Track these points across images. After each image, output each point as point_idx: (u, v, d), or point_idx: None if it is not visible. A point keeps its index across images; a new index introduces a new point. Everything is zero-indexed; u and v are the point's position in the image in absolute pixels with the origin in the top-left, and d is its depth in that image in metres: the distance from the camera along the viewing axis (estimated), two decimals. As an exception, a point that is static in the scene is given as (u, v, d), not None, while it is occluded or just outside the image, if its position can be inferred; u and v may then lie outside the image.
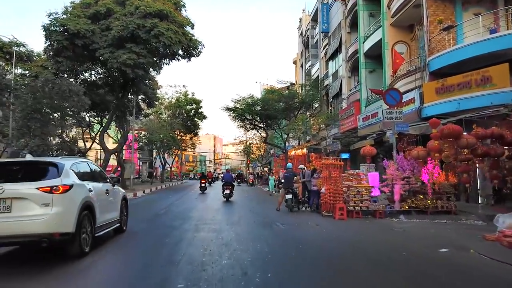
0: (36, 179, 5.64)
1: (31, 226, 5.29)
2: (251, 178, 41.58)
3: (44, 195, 5.42)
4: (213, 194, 25.25)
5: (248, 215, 12.84)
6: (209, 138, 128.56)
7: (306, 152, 33.68)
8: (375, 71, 22.88)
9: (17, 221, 5.26)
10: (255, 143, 45.84)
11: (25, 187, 5.49)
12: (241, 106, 32.26)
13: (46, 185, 5.53)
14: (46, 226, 5.35)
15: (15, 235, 5.30)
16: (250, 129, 36.56)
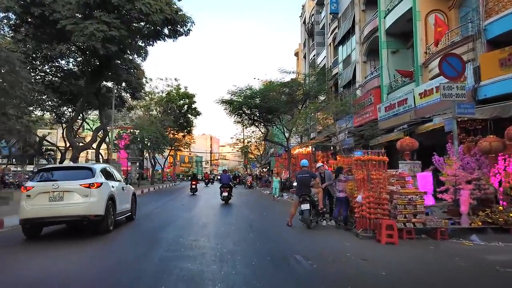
0: (79, 179, 8.28)
1: (76, 209, 7.99)
2: (250, 179, 37.77)
3: (84, 189, 8.10)
4: (204, 199, 21.44)
5: (249, 237, 8.56)
6: (205, 138, 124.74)
7: (312, 151, 29.88)
8: (399, 51, 19.13)
9: (67, 206, 7.95)
10: (253, 142, 42.07)
11: (72, 184, 8.15)
12: (238, 98, 28.45)
13: (86, 182, 8.19)
14: (86, 210, 8.02)
15: (66, 215, 8.02)
16: (249, 125, 32.68)
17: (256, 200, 21.76)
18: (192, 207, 16.69)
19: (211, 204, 17.52)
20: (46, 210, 7.80)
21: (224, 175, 19.05)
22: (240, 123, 31.83)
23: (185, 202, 19.09)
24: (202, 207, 16.55)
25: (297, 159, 29.70)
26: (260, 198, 23.99)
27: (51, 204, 7.84)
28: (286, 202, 18.90)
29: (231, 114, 30.24)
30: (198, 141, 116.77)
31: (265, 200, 21.95)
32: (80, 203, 7.94)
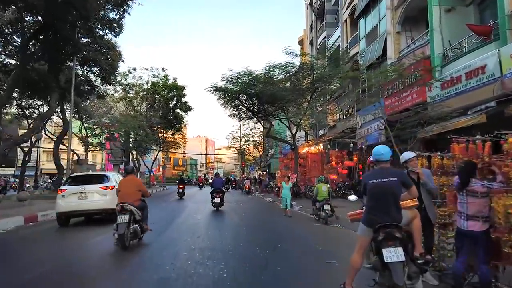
0: (99, 183, 11.42)
1: (97, 205, 10.93)
2: (248, 184, 32.47)
3: (103, 191, 11.18)
4: (190, 209, 16.21)
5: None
6: (200, 140, 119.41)
7: (324, 149, 24.67)
8: (455, 9, 14.01)
9: (90, 203, 10.97)
10: (252, 141, 36.87)
11: (94, 187, 11.23)
12: (235, 86, 23.25)
13: (104, 185, 11.32)
14: (104, 205, 10.87)
15: (89, 209, 11.06)
16: (247, 119, 27.42)
17: (259, 213, 16.49)
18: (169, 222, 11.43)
19: (195, 221, 12.35)
20: (76, 206, 10.99)
21: (216, 179, 17.11)
22: (237, 117, 26.61)
23: (163, 215, 13.78)
24: (182, 222, 11.30)
25: (306, 159, 24.49)
26: (264, 209, 18.75)
27: (79, 201, 11.03)
28: (302, 217, 13.70)
29: (225, 105, 25.04)
30: (193, 144, 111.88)
31: (271, 212, 16.69)
32: (100, 200, 11.03)
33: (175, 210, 16.48)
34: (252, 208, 18.19)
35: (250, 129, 36.62)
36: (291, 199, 14.44)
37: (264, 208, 18.71)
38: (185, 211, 16.07)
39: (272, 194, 26.83)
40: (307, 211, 14.92)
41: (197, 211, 15.69)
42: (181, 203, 19.85)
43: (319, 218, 11.93)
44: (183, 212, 15.68)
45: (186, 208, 17.53)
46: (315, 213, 12.33)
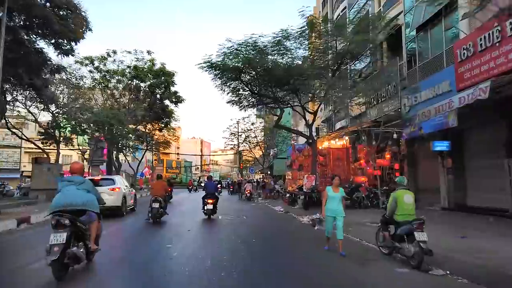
0: (108, 185, 13.92)
1: (106, 202, 8.28)
2: (249, 188, 26.86)
3: (110, 191, 13.54)
4: (171, 223, 10.58)
5: None
6: (195, 142, 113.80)
7: (351, 144, 19.14)
8: None
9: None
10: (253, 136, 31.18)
11: (103, 188, 13.02)
12: (235, 61, 17.66)
13: (111, 187, 13.89)
14: (112, 202, 13.17)
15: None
16: (249, 106, 21.80)
17: (279, 239, 10.53)
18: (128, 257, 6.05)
19: (169, 260, 6.74)
20: None
21: (209, 183, 14.77)
22: (236, 105, 20.97)
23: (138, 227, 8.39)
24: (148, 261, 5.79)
25: (327, 157, 18.93)
26: (282, 228, 12.99)
27: None
28: (359, 251, 8.06)
29: (223, 87, 19.46)
30: (188, 145, 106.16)
31: (297, 237, 10.77)
32: (108, 199, 11.95)
33: (146, 234, 10.91)
34: (262, 226, 12.54)
35: (252, 123, 31.12)
36: (343, 220, 7.42)
37: (281, 225, 13.05)
38: (159, 235, 10.50)
39: (283, 202, 21.23)
40: (354, 233, 9.41)
41: (177, 234, 10.16)
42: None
43: (403, 255, 6.38)
44: (154, 237, 10.12)
45: (162, 228, 11.91)
46: (390, 246, 6.77)
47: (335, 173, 18.76)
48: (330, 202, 7.37)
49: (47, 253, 5.01)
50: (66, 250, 5.08)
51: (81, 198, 5.51)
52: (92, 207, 5.67)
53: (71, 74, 30.32)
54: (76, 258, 5.29)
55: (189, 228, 10.98)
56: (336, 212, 7.29)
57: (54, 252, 4.95)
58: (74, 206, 5.39)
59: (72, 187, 5.56)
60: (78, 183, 5.64)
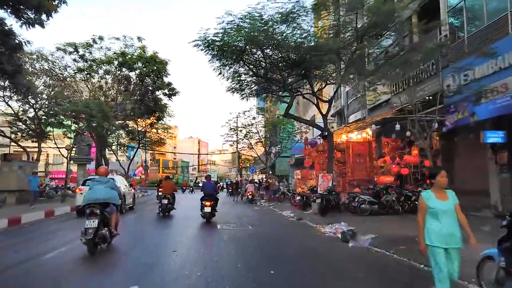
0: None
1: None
2: (251, 189, 23.90)
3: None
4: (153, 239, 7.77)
5: None
6: (192, 141, 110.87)
7: (373, 136, 16.19)
8: None
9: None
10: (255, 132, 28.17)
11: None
12: (236, 38, 14.69)
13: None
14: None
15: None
16: (253, 95, 18.81)
17: (308, 270, 7.54)
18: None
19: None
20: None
21: (207, 183, 13.44)
22: (237, 92, 17.98)
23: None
24: None
25: (345, 153, 16.01)
26: (304, 244, 9.99)
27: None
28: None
29: (221, 70, 16.50)
30: (185, 145, 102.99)
31: (330, 261, 7.70)
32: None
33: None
34: (275, 242, 9.46)
35: (253, 118, 28.11)
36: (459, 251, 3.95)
37: (300, 240, 10.02)
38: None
39: (292, 206, 18.29)
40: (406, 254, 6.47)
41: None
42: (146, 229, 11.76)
43: None
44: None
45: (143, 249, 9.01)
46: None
47: (356, 172, 15.87)
48: (436, 219, 3.92)
49: (83, 234, 6.72)
50: (97, 232, 6.80)
51: (106, 194, 7.27)
52: (114, 201, 7.48)
53: (53, 64, 27.41)
54: (104, 239, 7.17)
55: (174, 247, 7.99)
56: (451, 239, 3.83)
57: (89, 233, 6.70)
58: (101, 200, 7.11)
59: (100, 185, 7.33)
60: (104, 183, 7.40)
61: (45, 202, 20.42)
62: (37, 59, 26.66)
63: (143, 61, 25.22)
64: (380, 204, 13.40)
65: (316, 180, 18.04)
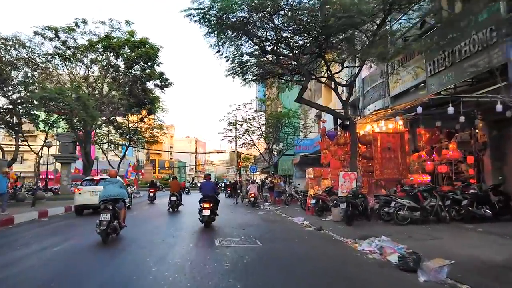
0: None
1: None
2: (254, 190, 21.00)
3: None
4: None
5: None
6: (189, 141, 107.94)
7: (407, 127, 13.25)
8: None
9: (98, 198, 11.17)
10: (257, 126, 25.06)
11: (101, 187, 9.97)
12: (240, 3, 11.72)
13: None
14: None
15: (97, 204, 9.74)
16: (257, 79, 15.85)
17: None
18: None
19: None
20: (89, 200, 14.42)
21: (206, 183, 12.14)
22: (239, 76, 15.03)
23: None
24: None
25: (373, 147, 13.09)
26: (349, 278, 7.05)
27: (91, 197, 14.18)
28: None
29: (219, 47, 13.59)
30: (181, 145, 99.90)
31: None
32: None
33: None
34: (301, 266, 6.52)
35: (255, 111, 25.06)
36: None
37: (332, 264, 7.08)
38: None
39: (305, 211, 15.41)
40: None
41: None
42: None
43: None
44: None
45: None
46: None
47: (385, 169, 12.99)
48: None
49: (97, 226, 8.12)
50: (110, 224, 8.16)
51: (117, 192, 8.68)
52: (123, 197, 8.93)
53: (32, 51, 24.42)
54: (115, 229, 8.54)
55: (153, 273, 5.13)
56: None
57: (103, 225, 8.05)
58: (112, 197, 8.51)
59: (111, 185, 8.86)
60: (114, 183, 9.00)
61: (13, 205, 17.42)
62: (13, 45, 23.69)
63: (130, 45, 22.22)
64: (422, 210, 10.52)
65: (333, 179, 15.14)
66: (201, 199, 11.29)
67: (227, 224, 12.14)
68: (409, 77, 14.53)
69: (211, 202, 11.13)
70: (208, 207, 10.91)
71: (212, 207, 11.06)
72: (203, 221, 11.00)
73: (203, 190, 11.74)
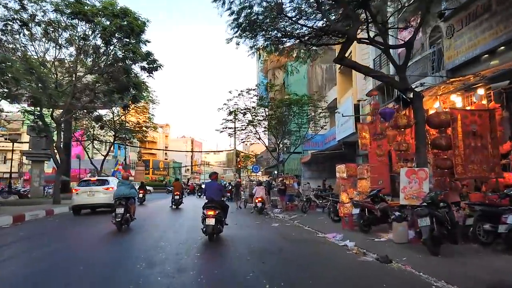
0: (102, 185, 15.78)
1: (101, 200, 15.35)
2: (261, 194, 16.78)
3: (105, 190, 15.37)
4: None
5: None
6: (185, 141, 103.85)
7: (498, 99, 8.98)
8: None
9: (96, 198, 15.36)
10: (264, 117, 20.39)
11: (99, 188, 15.53)
12: None
13: (105, 187, 15.61)
14: (106, 200, 14.99)
15: (95, 203, 15.49)
16: (278, 42, 11.57)
17: None
18: None
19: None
20: (86, 200, 15.35)
21: (211, 185, 9.85)
22: (248, 37, 10.84)
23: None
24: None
25: (452, 132, 8.79)
26: None
27: (88, 197, 15.30)
28: None
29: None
30: (177, 145, 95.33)
31: None
32: (102, 197, 15.25)
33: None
34: None
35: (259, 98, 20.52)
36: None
37: None
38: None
39: (345, 225, 11.20)
40: None
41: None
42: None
43: None
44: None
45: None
46: None
47: (469, 164, 8.74)
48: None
49: (113, 217, 10.23)
50: (123, 216, 10.16)
51: (128, 192, 10.73)
52: (134, 195, 11.14)
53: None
54: (127, 221, 10.60)
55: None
56: None
57: (118, 217, 10.08)
58: (125, 195, 10.54)
59: (123, 186, 10.90)
60: (126, 184, 11.05)
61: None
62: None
63: (108, 14, 17.85)
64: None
65: (380, 180, 10.92)
66: (205, 204, 9.20)
67: (234, 246, 8.01)
68: (476, 40, 10.38)
69: (217, 209, 8.96)
70: (212, 215, 8.74)
71: (218, 215, 8.85)
72: (207, 233, 8.75)
73: (208, 193, 9.61)
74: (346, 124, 19.73)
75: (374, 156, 11.50)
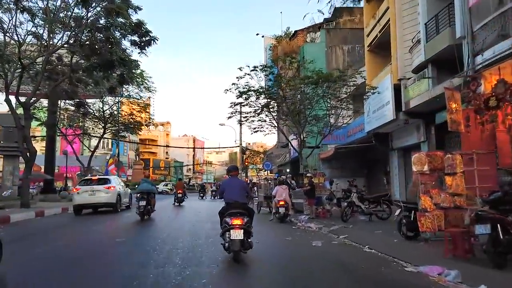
0: (104, 184, 15.36)
1: (102, 199, 15.04)
2: (283, 196, 12.69)
3: (106, 190, 15.10)
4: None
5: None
6: (187, 140, 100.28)
7: None
8: None
9: (97, 198, 15.00)
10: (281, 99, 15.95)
11: (100, 187, 15.10)
12: None
13: (107, 186, 15.25)
14: (107, 200, 15.11)
15: (97, 203, 15.14)
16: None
17: None
18: None
19: None
20: (87, 200, 15.03)
21: (232, 181, 7.08)
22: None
23: None
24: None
25: None
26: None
27: (89, 197, 14.97)
28: None
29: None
30: (178, 144, 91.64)
31: None
32: (104, 197, 15.01)
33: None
34: None
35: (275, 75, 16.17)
36: None
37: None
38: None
39: (449, 251, 7.02)
40: None
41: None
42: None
43: None
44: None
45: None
46: None
47: None
48: None
49: (137, 208, 12.51)
50: (145, 208, 12.38)
51: (150, 187, 13.03)
52: (154, 191, 13.33)
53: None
54: (149, 212, 12.85)
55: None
56: None
57: (141, 208, 12.26)
58: (146, 190, 12.69)
59: (145, 183, 13.27)
60: (148, 181, 13.57)
61: None
62: None
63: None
64: None
65: (480, 177, 6.81)
66: (226, 209, 6.55)
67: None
68: None
69: (244, 215, 6.33)
70: (239, 225, 6.07)
71: (245, 225, 6.15)
72: (231, 250, 6.13)
73: (227, 193, 6.78)
74: (380, 111, 15.60)
75: (472, 140, 7.37)
